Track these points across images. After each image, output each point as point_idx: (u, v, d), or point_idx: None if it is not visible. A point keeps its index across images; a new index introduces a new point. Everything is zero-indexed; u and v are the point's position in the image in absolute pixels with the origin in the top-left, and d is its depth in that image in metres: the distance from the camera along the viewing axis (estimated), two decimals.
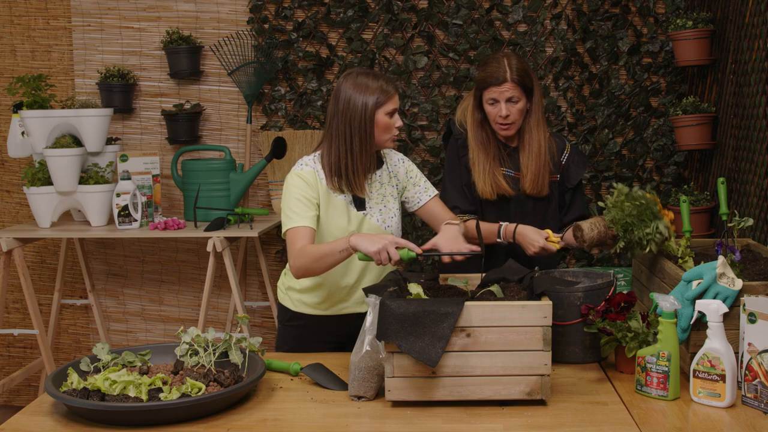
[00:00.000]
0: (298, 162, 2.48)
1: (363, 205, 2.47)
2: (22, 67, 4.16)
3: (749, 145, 3.13)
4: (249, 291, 4.20)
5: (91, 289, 4.13)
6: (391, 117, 2.42)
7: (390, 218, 2.51)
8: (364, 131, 2.39)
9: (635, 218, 2.33)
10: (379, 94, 2.39)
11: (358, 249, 2.20)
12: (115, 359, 2.18)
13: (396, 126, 2.44)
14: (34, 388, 4.28)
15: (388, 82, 2.42)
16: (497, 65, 2.65)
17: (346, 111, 2.40)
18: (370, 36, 3.92)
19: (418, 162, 3.92)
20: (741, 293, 2.03)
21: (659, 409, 1.96)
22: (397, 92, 2.44)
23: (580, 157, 2.82)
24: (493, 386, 1.97)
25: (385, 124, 2.41)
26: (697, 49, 3.49)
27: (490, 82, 2.64)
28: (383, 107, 2.40)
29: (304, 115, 3.99)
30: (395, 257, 2.16)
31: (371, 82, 2.40)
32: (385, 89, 2.40)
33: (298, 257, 2.31)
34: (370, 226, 2.47)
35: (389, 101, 2.41)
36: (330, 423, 1.92)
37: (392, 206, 2.52)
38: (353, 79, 2.42)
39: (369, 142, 2.41)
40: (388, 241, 2.17)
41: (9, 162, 4.25)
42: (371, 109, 2.39)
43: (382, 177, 2.52)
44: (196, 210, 3.66)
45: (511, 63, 2.64)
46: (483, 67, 2.70)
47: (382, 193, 2.51)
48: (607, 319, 2.19)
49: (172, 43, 3.94)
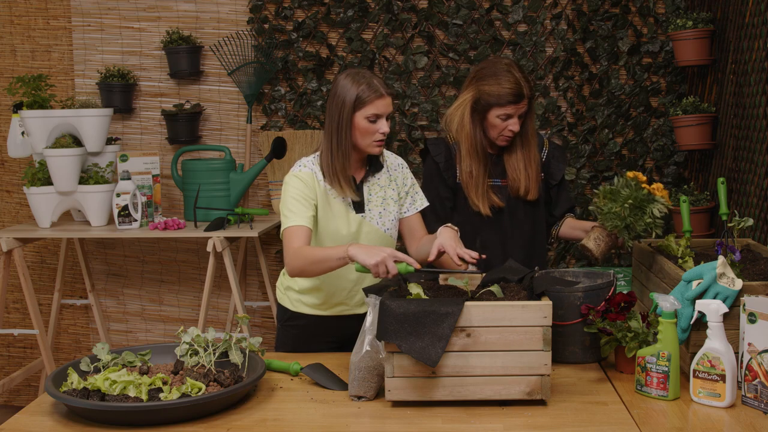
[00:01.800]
0: (297, 163, 2.45)
1: (362, 207, 2.44)
2: (22, 67, 4.16)
3: (749, 145, 3.13)
4: (249, 291, 4.20)
5: (91, 289, 4.13)
6: (372, 122, 2.33)
7: (390, 221, 2.47)
8: (342, 131, 2.34)
9: (630, 214, 2.33)
10: (358, 97, 2.32)
11: (355, 260, 2.14)
12: (115, 359, 2.18)
13: (380, 131, 2.35)
14: (34, 388, 4.28)
15: (371, 86, 2.32)
16: (513, 81, 2.53)
17: (331, 108, 2.37)
18: (370, 36, 3.92)
19: (418, 162, 3.92)
20: (741, 293, 2.03)
21: (659, 409, 1.96)
22: (384, 97, 2.33)
23: (559, 152, 2.78)
24: (493, 386, 1.97)
25: (365, 128, 2.34)
26: (697, 49, 3.49)
27: (510, 99, 2.53)
28: (362, 110, 2.32)
29: (304, 115, 3.99)
30: (393, 271, 2.11)
31: (356, 83, 2.33)
32: (367, 93, 2.31)
33: (295, 258, 2.26)
34: (369, 229, 2.43)
35: (369, 105, 2.32)
36: (330, 423, 1.92)
37: (392, 209, 2.48)
38: (345, 76, 2.37)
39: (345, 144, 2.35)
40: (387, 254, 2.10)
41: (9, 162, 4.25)
42: (348, 111, 2.32)
43: (381, 180, 2.49)
44: (196, 210, 3.66)
45: (523, 76, 2.55)
46: (493, 82, 2.57)
47: (382, 196, 2.47)
48: (607, 319, 2.19)
49: (172, 43, 3.94)
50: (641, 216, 2.34)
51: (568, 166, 3.87)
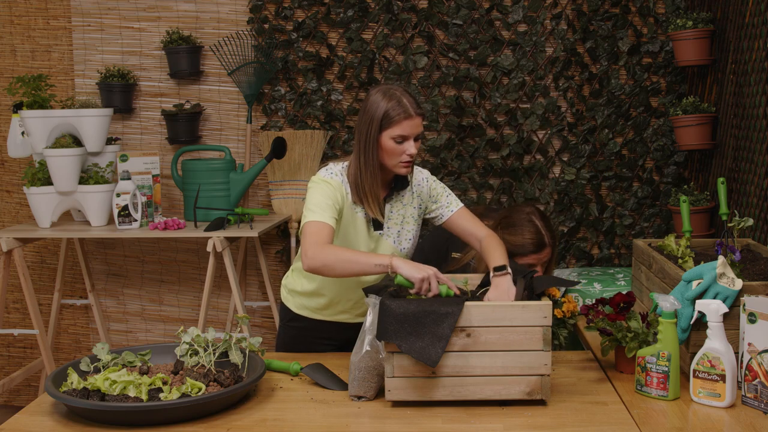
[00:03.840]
0: (324, 168, 2.35)
1: (380, 225, 2.37)
2: (22, 67, 4.15)
3: (749, 145, 3.13)
4: (249, 291, 4.20)
5: (91, 289, 4.13)
6: (399, 143, 2.25)
7: (406, 240, 2.41)
8: (369, 150, 2.26)
9: None
10: (386, 115, 2.23)
11: (399, 272, 2.06)
12: (115, 359, 2.18)
13: (407, 153, 2.25)
14: (34, 388, 4.28)
15: (400, 104, 2.24)
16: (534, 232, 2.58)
17: (360, 124, 2.29)
18: (370, 36, 3.92)
19: (418, 162, 3.92)
20: (741, 293, 2.03)
21: (659, 409, 1.96)
22: (412, 117, 2.24)
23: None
24: (493, 386, 1.97)
25: (391, 148, 2.25)
26: (697, 49, 3.49)
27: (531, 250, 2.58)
28: (388, 130, 2.24)
29: (304, 115, 3.98)
30: (435, 290, 2.05)
31: (385, 99, 2.24)
32: (394, 112, 2.23)
33: (321, 251, 2.14)
34: (386, 247, 2.38)
35: (396, 126, 2.23)
36: (330, 423, 1.92)
37: (410, 228, 2.42)
38: (376, 91, 2.28)
39: (373, 162, 2.27)
40: (432, 273, 2.05)
41: (9, 162, 4.25)
42: (375, 129, 2.24)
43: (404, 198, 2.41)
44: (196, 210, 3.66)
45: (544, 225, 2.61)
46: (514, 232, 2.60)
47: (402, 214, 2.40)
48: (607, 319, 2.19)
49: (172, 43, 3.94)
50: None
51: (568, 166, 3.87)
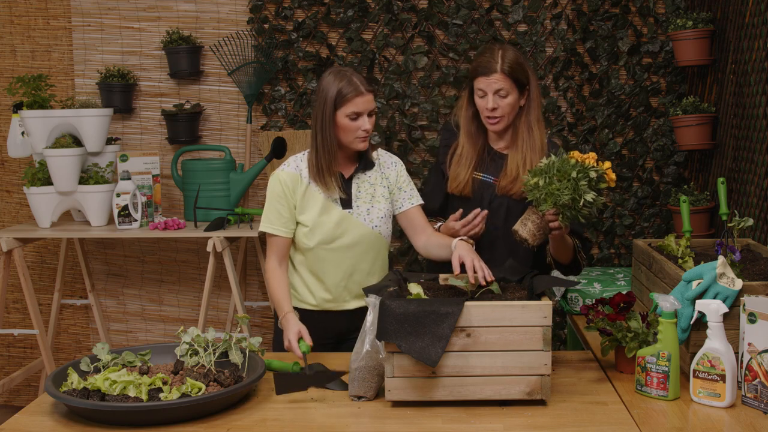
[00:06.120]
0: (285, 161, 2.50)
1: (349, 203, 2.46)
2: (22, 67, 4.15)
3: (749, 145, 3.13)
4: (249, 291, 4.20)
5: (91, 289, 4.13)
6: (353, 120, 2.37)
7: (379, 218, 2.49)
8: (326, 129, 2.38)
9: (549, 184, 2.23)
10: (338, 94, 2.35)
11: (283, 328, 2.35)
12: (115, 359, 2.18)
13: (362, 129, 2.38)
14: (34, 388, 4.28)
15: (350, 83, 2.35)
16: (489, 55, 2.53)
17: (316, 106, 2.41)
18: (370, 36, 3.92)
19: (418, 162, 3.92)
20: (741, 293, 2.03)
21: (659, 409, 1.96)
22: (363, 94, 2.36)
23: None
24: (493, 386, 1.97)
25: (346, 125, 2.37)
26: (697, 49, 3.49)
27: (480, 71, 2.52)
28: (342, 108, 2.36)
29: (304, 115, 3.99)
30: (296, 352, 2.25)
31: (336, 80, 2.36)
32: (346, 90, 2.35)
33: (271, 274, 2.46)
34: (356, 225, 2.46)
35: (349, 103, 2.35)
36: (330, 423, 1.92)
37: (382, 206, 2.50)
38: (328, 74, 2.40)
39: (330, 141, 2.38)
40: (293, 335, 2.27)
41: (9, 162, 4.25)
42: (330, 109, 2.36)
43: (372, 177, 2.51)
44: (196, 210, 3.66)
45: (504, 54, 2.51)
46: (476, 57, 2.63)
47: (371, 193, 2.50)
48: (607, 319, 2.19)
49: (172, 43, 3.94)
50: (569, 186, 2.21)
51: None
